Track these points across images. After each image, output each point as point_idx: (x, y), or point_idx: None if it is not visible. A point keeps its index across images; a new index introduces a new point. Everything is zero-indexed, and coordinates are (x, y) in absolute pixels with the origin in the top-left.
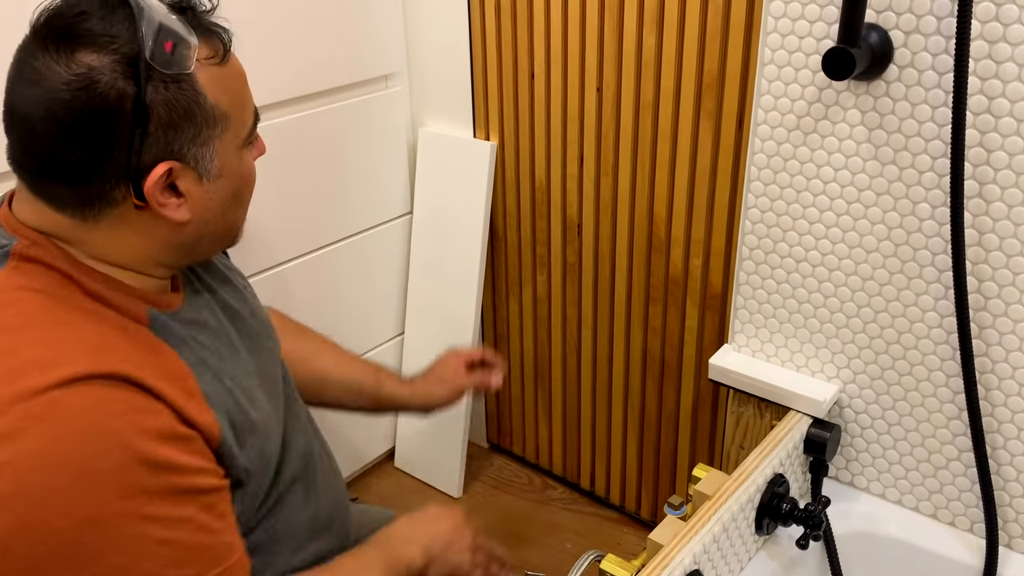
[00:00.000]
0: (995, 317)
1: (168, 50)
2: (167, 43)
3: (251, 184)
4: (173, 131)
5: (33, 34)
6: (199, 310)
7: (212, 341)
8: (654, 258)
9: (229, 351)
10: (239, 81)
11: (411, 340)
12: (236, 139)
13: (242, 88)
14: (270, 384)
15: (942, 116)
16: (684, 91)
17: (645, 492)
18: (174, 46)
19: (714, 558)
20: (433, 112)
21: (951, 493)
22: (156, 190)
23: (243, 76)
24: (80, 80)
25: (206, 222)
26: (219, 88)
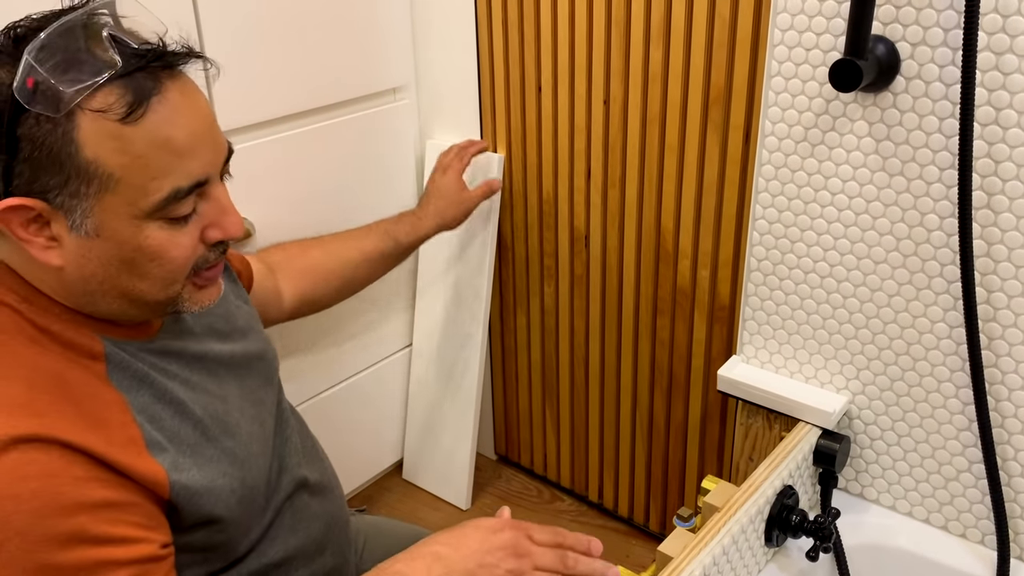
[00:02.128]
0: (1004, 328)
1: (29, 86)
2: (28, 79)
3: (157, 258)
4: (39, 170)
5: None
6: (179, 336)
7: (183, 370)
8: (662, 269)
9: (206, 378)
10: (155, 148)
11: (419, 352)
12: (129, 206)
13: (158, 156)
14: (255, 408)
15: (949, 127)
16: (691, 103)
17: (654, 504)
18: (36, 84)
19: (724, 570)
20: (441, 124)
21: (962, 505)
22: (13, 221)
23: (169, 144)
24: None
25: (87, 279)
26: (110, 146)
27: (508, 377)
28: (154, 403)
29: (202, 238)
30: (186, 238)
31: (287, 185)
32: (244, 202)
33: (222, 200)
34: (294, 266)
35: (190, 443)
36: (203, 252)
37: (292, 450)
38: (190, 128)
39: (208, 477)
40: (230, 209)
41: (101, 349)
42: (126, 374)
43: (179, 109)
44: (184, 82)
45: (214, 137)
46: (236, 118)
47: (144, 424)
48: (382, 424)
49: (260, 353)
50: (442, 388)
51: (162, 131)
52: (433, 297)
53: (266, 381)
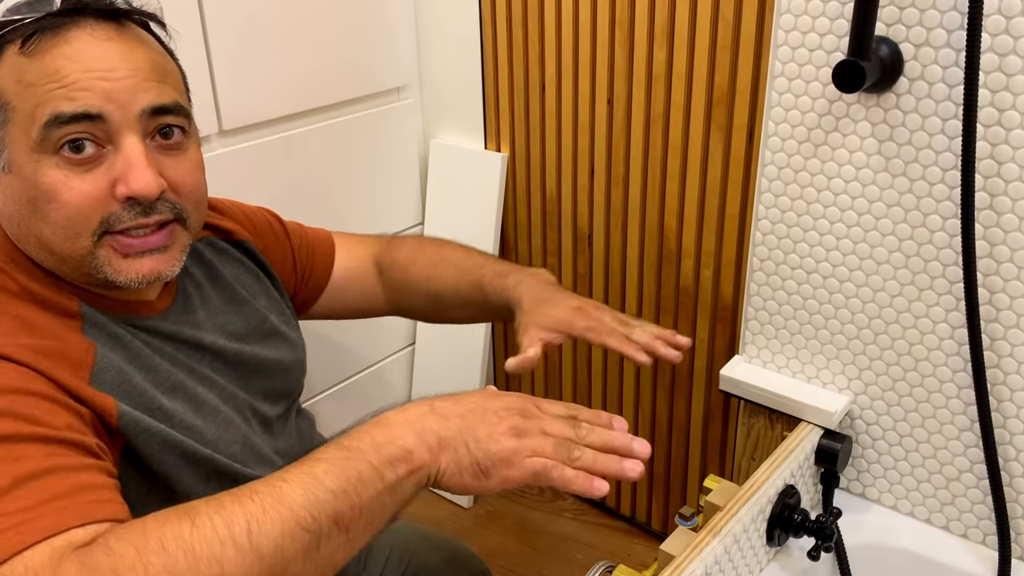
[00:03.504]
0: (1006, 329)
1: None
2: None
3: (52, 199)
4: None
5: None
6: (181, 324)
7: (170, 349)
8: (665, 269)
9: (196, 362)
10: (44, 77)
11: (421, 350)
12: (25, 136)
13: (45, 84)
14: (245, 410)
15: (952, 128)
16: (695, 104)
17: (656, 503)
18: None
19: (725, 569)
20: (445, 124)
21: (963, 505)
22: None
23: (58, 73)
24: None
25: (9, 220)
26: (13, 76)
27: (511, 376)
28: (124, 363)
29: (112, 193)
30: (84, 184)
31: (290, 184)
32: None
33: (130, 153)
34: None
35: (151, 405)
36: (115, 209)
37: (294, 453)
38: (88, 65)
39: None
40: (137, 164)
41: (77, 308)
42: (102, 333)
43: (82, 49)
44: (112, 32)
45: (131, 85)
46: (239, 117)
47: (101, 371)
48: None
49: (277, 362)
50: (445, 387)
51: (55, 63)
52: None
53: (277, 395)
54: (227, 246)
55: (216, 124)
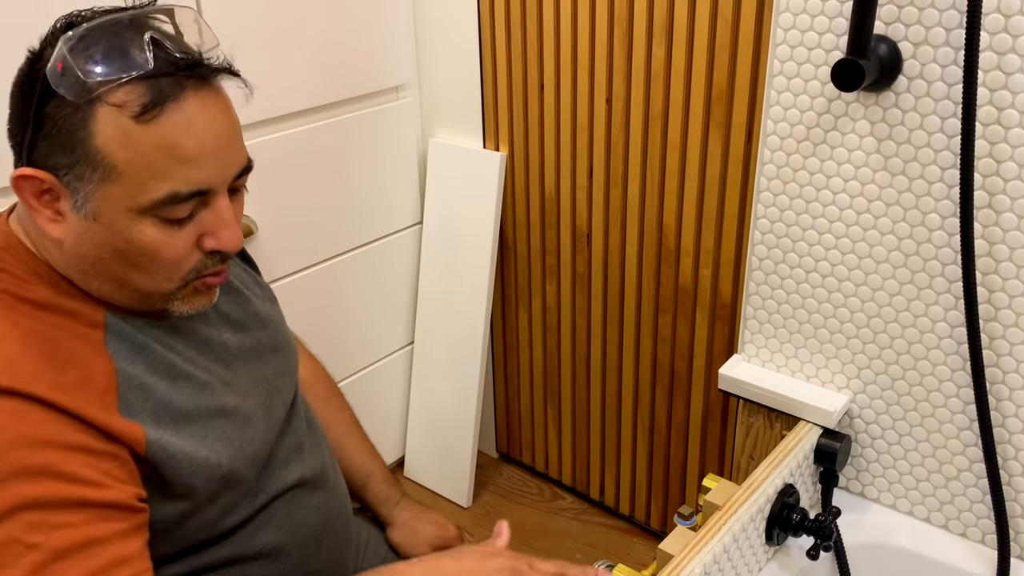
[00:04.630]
0: (1005, 328)
1: (59, 70)
2: (59, 63)
3: (148, 254)
4: (55, 148)
5: None
6: (190, 318)
7: (189, 350)
8: (663, 268)
9: (212, 362)
10: (160, 150)
11: (421, 350)
12: (128, 199)
13: (162, 158)
14: (265, 395)
15: (951, 127)
16: (693, 102)
17: (655, 502)
18: (64, 69)
19: (724, 568)
20: (443, 123)
21: (962, 504)
22: (26, 189)
23: (176, 149)
24: (31, 53)
25: (82, 258)
26: (120, 140)
27: (509, 375)
28: (149, 374)
29: (198, 244)
30: (179, 241)
31: (289, 182)
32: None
33: (223, 212)
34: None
35: (178, 415)
36: (200, 257)
37: (298, 443)
38: (201, 139)
39: (192, 448)
40: (230, 222)
41: (102, 319)
42: (125, 343)
43: (195, 119)
44: (210, 95)
45: (229, 152)
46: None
47: (126, 392)
48: (383, 422)
49: (275, 346)
50: (443, 386)
51: (171, 136)
52: (434, 295)
53: (282, 371)
54: None
55: None
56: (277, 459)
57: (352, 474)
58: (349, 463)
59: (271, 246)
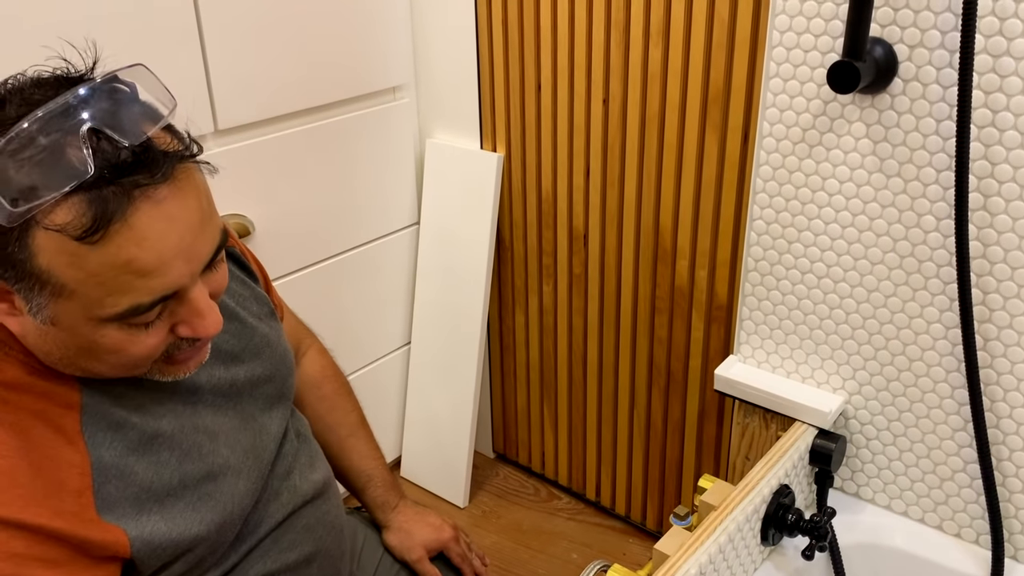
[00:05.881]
0: (999, 329)
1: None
2: None
3: (115, 352)
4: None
5: None
6: None
7: (177, 404)
8: (660, 269)
9: (200, 411)
10: (113, 269)
11: (418, 350)
12: (85, 312)
13: (115, 276)
14: (252, 438)
15: (946, 129)
16: (690, 103)
17: (651, 502)
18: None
19: (720, 568)
20: (441, 123)
21: (957, 504)
22: None
23: (130, 265)
24: None
25: (46, 353)
26: (67, 260)
27: (506, 375)
28: (128, 454)
29: (172, 331)
30: (149, 339)
31: (286, 183)
32: (243, 200)
33: (197, 303)
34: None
35: (161, 495)
36: (174, 341)
37: (287, 469)
38: (160, 248)
39: (178, 528)
40: (205, 312)
41: (78, 400)
42: (101, 424)
43: (150, 229)
44: (167, 194)
45: (195, 247)
46: (235, 116)
47: (103, 487)
48: (380, 422)
49: (269, 375)
50: (440, 386)
51: (123, 254)
52: (431, 295)
53: (272, 404)
54: None
55: (212, 123)
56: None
57: (351, 477)
58: (348, 466)
59: (267, 247)
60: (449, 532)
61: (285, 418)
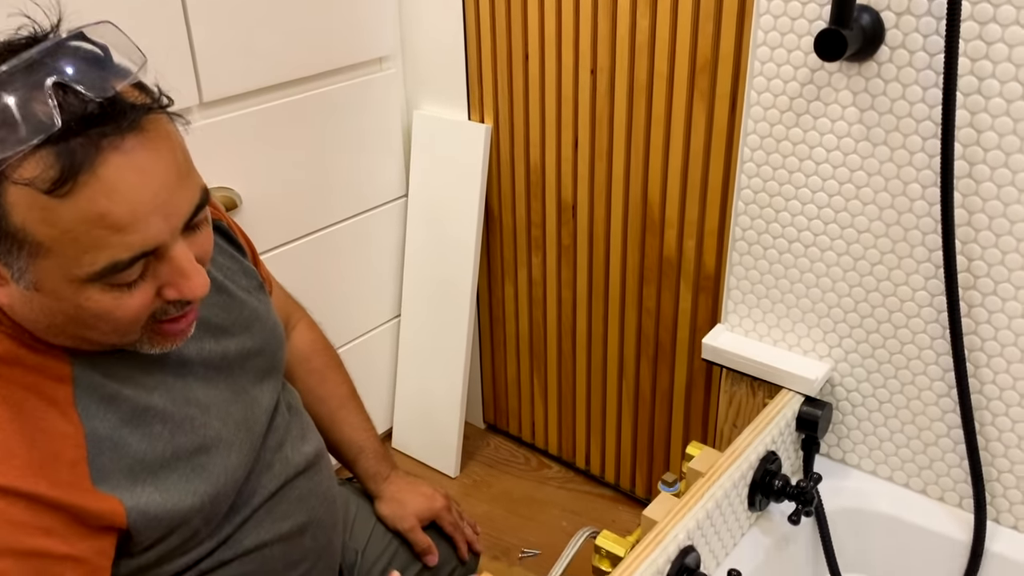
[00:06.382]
0: (984, 296)
1: None
2: None
3: (101, 317)
4: None
5: None
6: None
7: (166, 378)
8: (648, 239)
9: (190, 384)
10: (86, 223)
11: (407, 323)
12: (64, 271)
13: (89, 231)
14: (243, 410)
15: (933, 97)
16: (678, 73)
17: (639, 470)
18: None
19: (707, 534)
20: (428, 94)
21: (940, 469)
22: None
23: (103, 219)
24: None
25: (34, 322)
26: (39, 216)
27: (496, 347)
28: (121, 427)
29: (159, 294)
30: (133, 301)
31: (273, 156)
32: (229, 173)
33: (181, 262)
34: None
35: (156, 467)
36: (161, 305)
37: (279, 441)
38: (132, 202)
39: (172, 500)
40: (190, 272)
41: (69, 372)
42: (94, 397)
43: (120, 183)
44: (138, 144)
45: (173, 201)
46: (220, 88)
47: (98, 458)
48: (371, 394)
49: (259, 348)
50: (430, 358)
51: (94, 207)
52: (421, 268)
53: (262, 376)
54: None
55: (196, 96)
56: (259, 466)
57: (343, 449)
58: (340, 438)
59: (255, 220)
60: (441, 501)
61: (276, 391)
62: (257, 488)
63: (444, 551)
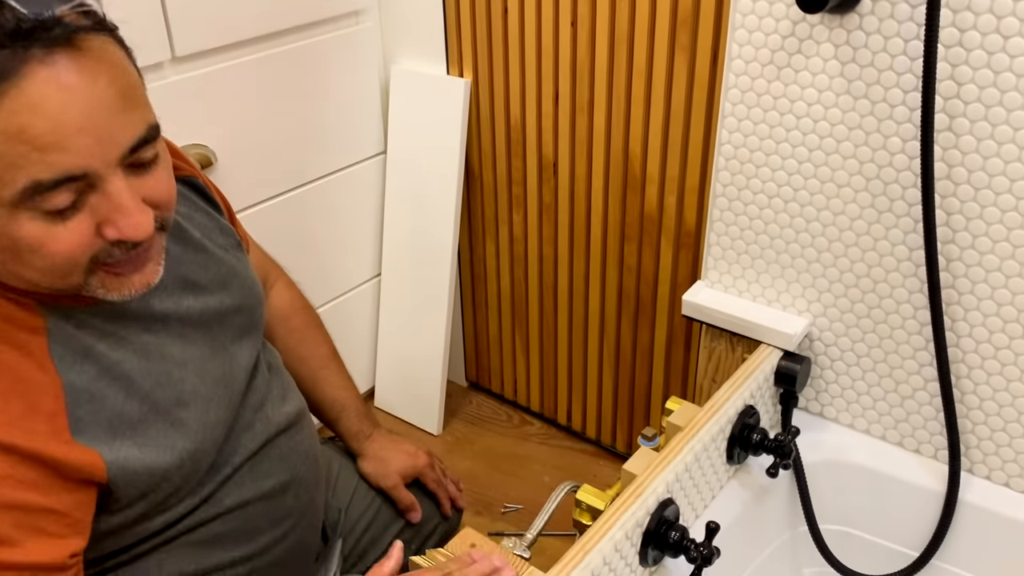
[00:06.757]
0: (962, 249)
1: None
2: None
3: (35, 251)
4: None
5: None
6: (143, 296)
7: (142, 334)
8: (629, 196)
9: (166, 340)
10: (7, 138)
11: (388, 282)
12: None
13: (9, 145)
14: (222, 367)
15: (914, 49)
16: (659, 25)
17: (620, 426)
18: None
19: (686, 487)
20: (405, 49)
21: (916, 422)
22: None
23: (23, 134)
24: None
25: None
26: None
27: (478, 305)
28: (98, 379)
29: (100, 234)
30: (67, 233)
31: (248, 112)
32: (203, 130)
33: (117, 197)
34: (274, 327)
35: (134, 420)
36: (103, 246)
37: (259, 401)
38: (57, 118)
39: (151, 455)
40: (128, 208)
41: (42, 324)
42: (69, 348)
43: (45, 97)
44: (73, 62)
45: (109, 126)
46: (193, 43)
47: (76, 410)
48: (353, 354)
49: (238, 306)
50: (412, 317)
51: (15, 120)
52: (401, 226)
53: (241, 334)
54: None
55: (168, 50)
56: (240, 425)
57: (324, 408)
58: (321, 397)
59: (230, 178)
60: (424, 459)
61: (255, 349)
62: (238, 447)
63: (427, 508)
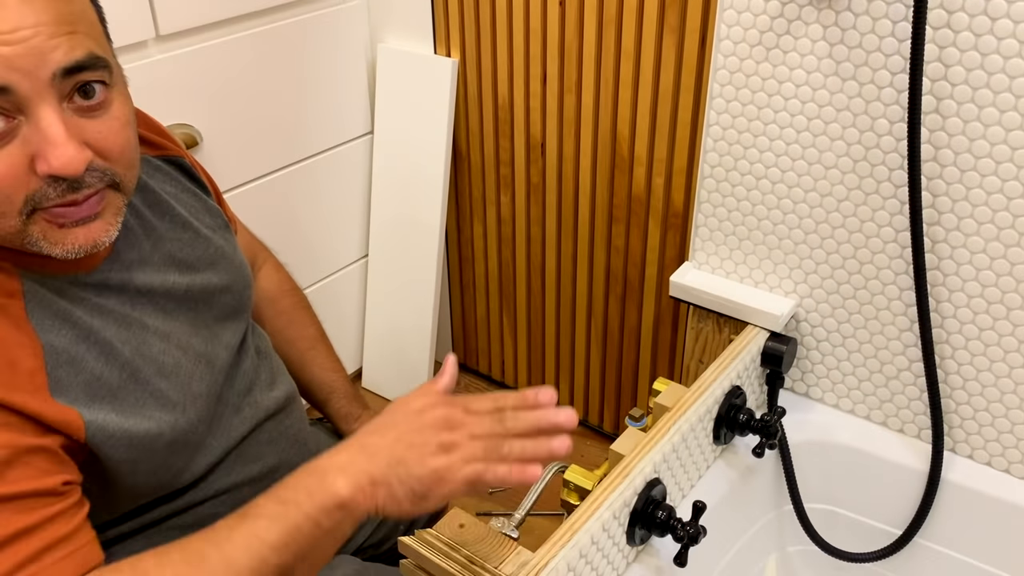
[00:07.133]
0: (947, 231)
1: None
2: None
3: None
4: None
5: None
6: (128, 267)
7: (122, 305)
8: (617, 177)
9: (149, 313)
10: None
11: (375, 263)
12: None
13: None
14: (205, 344)
15: (902, 31)
16: (647, 6)
17: (608, 406)
18: None
19: (673, 467)
20: (392, 27)
21: (901, 402)
22: None
23: None
24: None
25: None
26: None
27: (465, 285)
28: (76, 343)
29: (32, 168)
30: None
31: (233, 92)
32: (189, 110)
33: (45, 127)
34: (266, 301)
35: (113, 386)
36: (38, 186)
37: (247, 385)
38: None
39: (130, 422)
40: (57, 139)
41: (18, 287)
42: (47, 312)
43: None
44: None
45: (36, 45)
46: (177, 21)
47: (56, 370)
48: (341, 334)
49: (225, 286)
50: (400, 297)
51: None
52: (388, 207)
53: (228, 314)
54: (161, 163)
55: (153, 29)
56: (228, 407)
57: (313, 390)
58: (310, 379)
59: (216, 158)
60: None
61: (241, 329)
62: (227, 431)
63: None
